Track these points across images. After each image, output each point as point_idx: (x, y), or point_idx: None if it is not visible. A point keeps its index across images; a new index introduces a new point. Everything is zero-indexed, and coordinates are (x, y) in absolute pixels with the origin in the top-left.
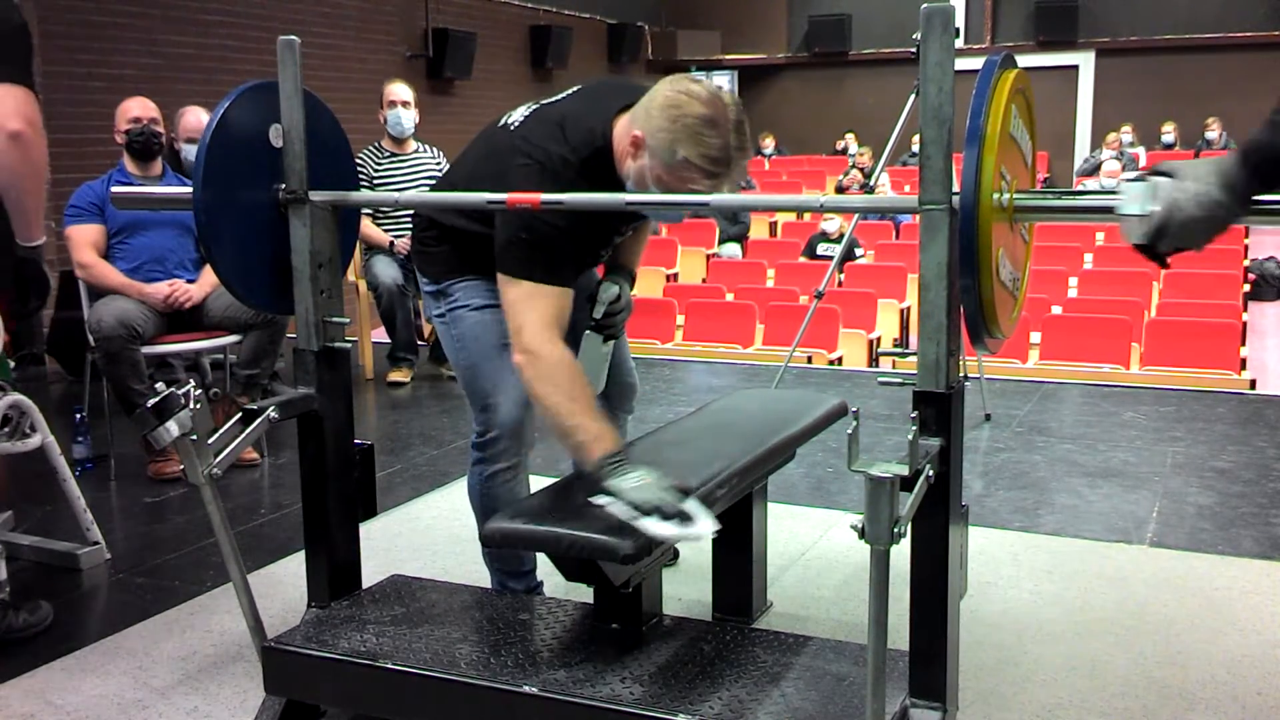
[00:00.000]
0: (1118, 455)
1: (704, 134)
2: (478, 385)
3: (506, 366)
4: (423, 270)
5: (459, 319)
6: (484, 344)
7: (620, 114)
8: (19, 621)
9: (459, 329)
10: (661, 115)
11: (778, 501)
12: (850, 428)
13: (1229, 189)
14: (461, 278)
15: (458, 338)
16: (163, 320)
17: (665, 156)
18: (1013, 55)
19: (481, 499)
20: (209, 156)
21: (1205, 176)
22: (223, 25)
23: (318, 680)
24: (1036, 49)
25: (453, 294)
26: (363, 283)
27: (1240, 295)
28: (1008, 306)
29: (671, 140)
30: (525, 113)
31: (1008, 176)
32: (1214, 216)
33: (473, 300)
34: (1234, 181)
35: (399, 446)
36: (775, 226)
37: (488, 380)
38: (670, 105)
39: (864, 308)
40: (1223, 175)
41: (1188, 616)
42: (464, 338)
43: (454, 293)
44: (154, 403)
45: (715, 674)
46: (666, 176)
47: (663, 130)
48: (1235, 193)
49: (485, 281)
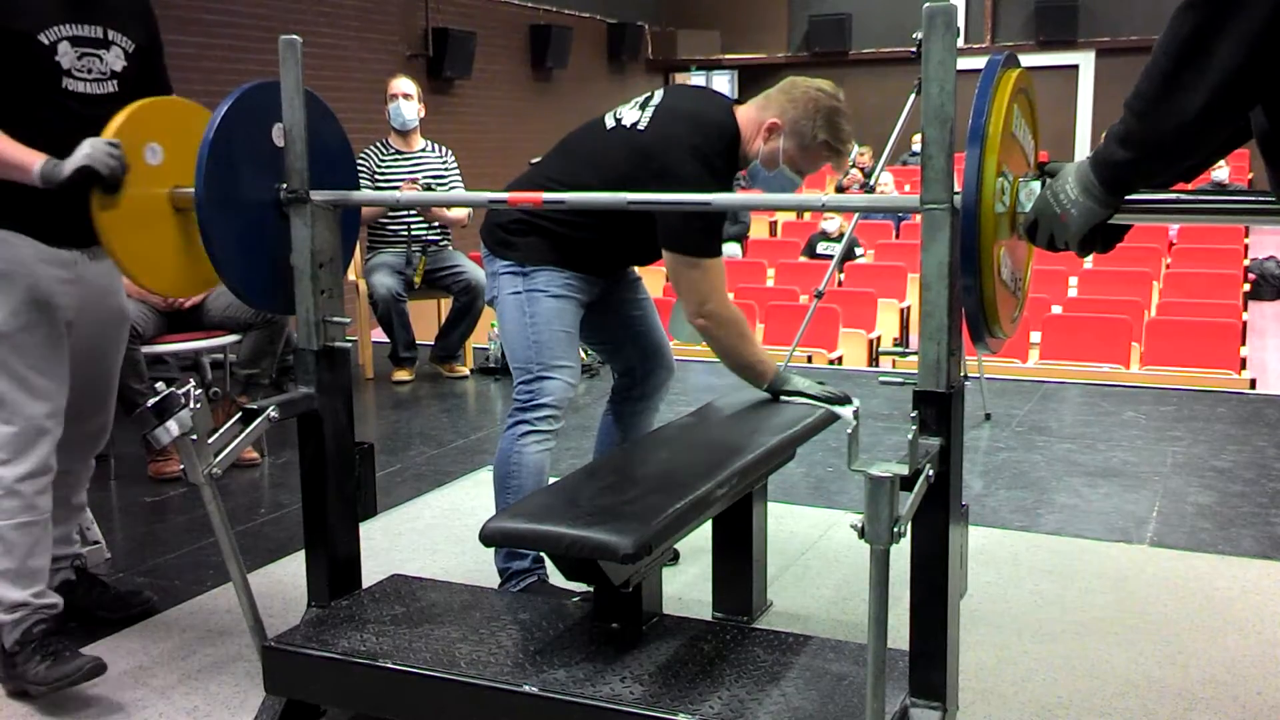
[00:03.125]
0: (1118, 455)
1: (838, 121)
2: (538, 359)
3: (566, 352)
4: (503, 254)
5: (536, 300)
6: (554, 327)
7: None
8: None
9: (534, 309)
10: (802, 106)
11: (778, 501)
12: (850, 427)
13: (1086, 189)
14: (546, 266)
15: (531, 315)
16: (163, 320)
17: (805, 140)
18: (1015, 55)
19: (508, 457)
20: (210, 156)
21: (1069, 176)
22: (224, 25)
23: (318, 680)
24: (1036, 49)
25: (535, 278)
26: (363, 283)
27: (1240, 295)
28: (1009, 306)
29: (813, 127)
30: (641, 114)
31: (1010, 176)
32: (1077, 214)
33: (551, 288)
34: (1088, 183)
35: (399, 446)
36: (775, 226)
37: (548, 356)
38: (809, 99)
39: (864, 307)
40: (1080, 176)
41: (1188, 616)
42: (538, 317)
43: (537, 277)
44: (154, 403)
45: (715, 674)
46: (800, 156)
47: (805, 118)
48: (1091, 194)
49: (566, 274)
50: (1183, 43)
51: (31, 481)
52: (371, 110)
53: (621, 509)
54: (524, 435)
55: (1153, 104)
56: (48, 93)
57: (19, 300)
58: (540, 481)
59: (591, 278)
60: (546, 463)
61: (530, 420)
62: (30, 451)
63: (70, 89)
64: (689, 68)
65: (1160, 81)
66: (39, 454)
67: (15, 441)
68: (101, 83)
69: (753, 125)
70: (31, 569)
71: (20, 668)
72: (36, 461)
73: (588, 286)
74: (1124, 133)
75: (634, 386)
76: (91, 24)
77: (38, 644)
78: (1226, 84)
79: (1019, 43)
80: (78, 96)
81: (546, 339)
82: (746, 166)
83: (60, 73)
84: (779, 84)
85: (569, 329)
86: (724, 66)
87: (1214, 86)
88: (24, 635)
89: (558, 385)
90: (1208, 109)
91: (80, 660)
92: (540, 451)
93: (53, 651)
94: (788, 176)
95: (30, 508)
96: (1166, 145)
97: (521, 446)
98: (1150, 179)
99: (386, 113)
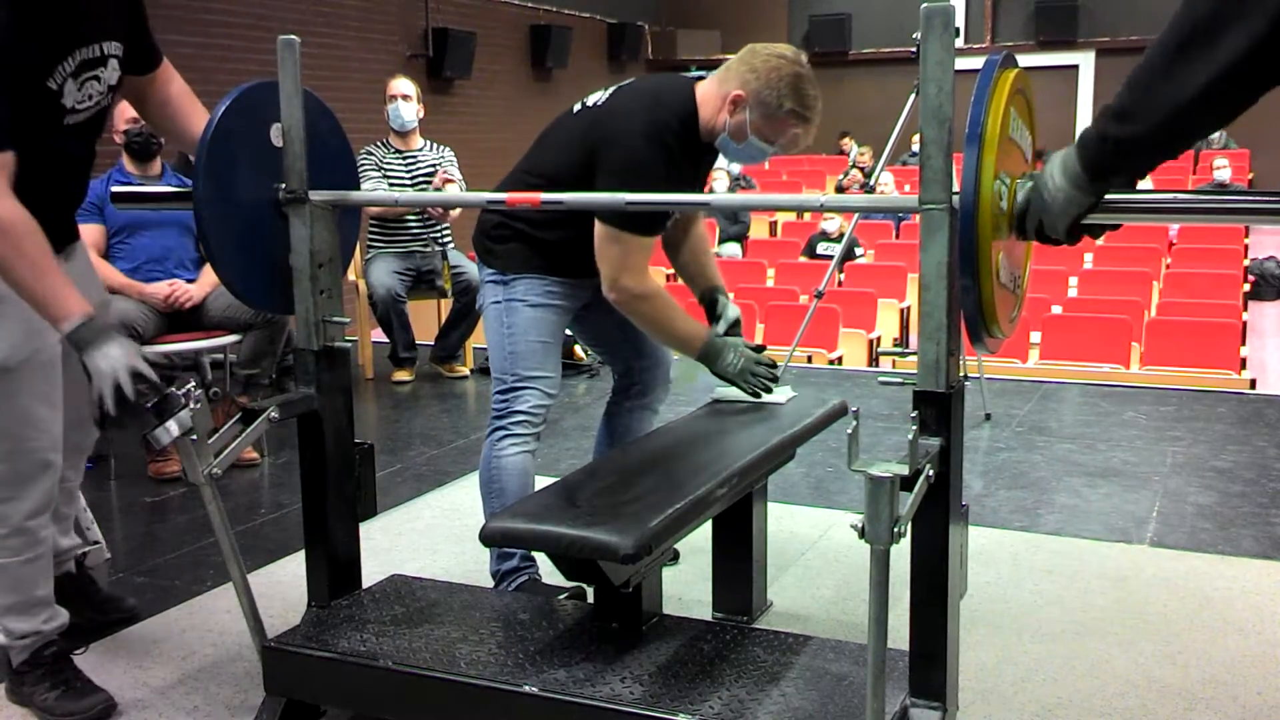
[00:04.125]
0: (1118, 455)
1: (803, 88)
2: (513, 370)
3: (544, 363)
4: (488, 262)
5: (515, 310)
6: (530, 338)
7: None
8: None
9: (512, 319)
10: (765, 75)
11: (778, 501)
12: (850, 427)
13: (1068, 175)
14: (526, 274)
15: (509, 326)
16: (163, 320)
17: (771, 110)
18: (1013, 55)
19: (489, 463)
20: (209, 156)
21: (1056, 165)
22: (222, 25)
23: (318, 680)
24: (1036, 49)
25: (515, 287)
26: (363, 282)
27: (1240, 295)
28: (1008, 306)
29: (778, 96)
30: (604, 95)
31: (1008, 180)
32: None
33: (530, 297)
34: (1071, 169)
35: (399, 446)
36: (775, 226)
37: (522, 367)
38: (772, 68)
39: (864, 307)
40: (1066, 165)
41: (1188, 616)
42: (515, 328)
43: (516, 286)
44: (154, 403)
45: (715, 674)
46: (766, 126)
47: (768, 88)
48: (1073, 179)
49: (547, 281)
50: (1197, 20)
51: (37, 519)
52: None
53: (621, 509)
54: (500, 440)
55: (1159, 75)
56: (49, 134)
57: (19, 331)
58: (524, 481)
59: (576, 281)
60: (528, 463)
61: (505, 426)
62: (34, 486)
63: (70, 123)
64: (689, 68)
65: (1167, 55)
66: (43, 488)
67: (20, 478)
68: (99, 102)
69: (715, 100)
70: (38, 599)
71: (29, 689)
72: (41, 496)
73: (573, 291)
74: (1118, 107)
75: (632, 387)
76: (90, 44)
77: (48, 669)
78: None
79: (1019, 43)
80: (75, 129)
81: (522, 350)
82: (715, 141)
83: (64, 113)
84: (739, 53)
85: (546, 339)
86: None
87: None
88: (33, 658)
89: (531, 395)
90: (1208, 89)
91: (92, 699)
92: (519, 454)
93: (64, 680)
94: (757, 148)
95: (36, 543)
96: (1161, 121)
97: (499, 451)
98: (1134, 164)
99: (386, 113)
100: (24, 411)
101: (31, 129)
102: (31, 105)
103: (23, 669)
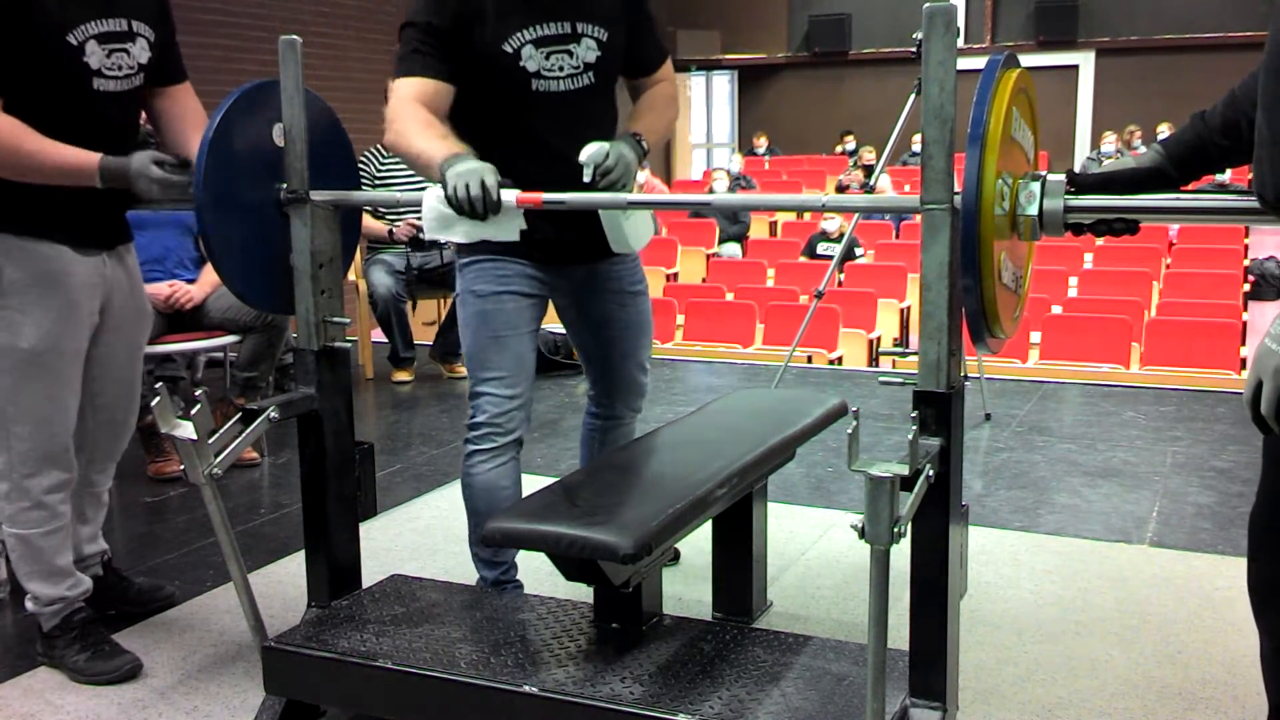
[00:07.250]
0: (1118, 455)
1: None
2: (472, 371)
3: (497, 359)
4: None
5: (467, 303)
6: (482, 335)
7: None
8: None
9: (465, 313)
10: None
11: (778, 501)
12: (850, 427)
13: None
14: (474, 256)
15: (464, 321)
16: (163, 320)
17: None
18: (1015, 55)
19: (461, 480)
20: (210, 156)
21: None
22: (223, 25)
23: (318, 680)
24: (1036, 49)
25: (466, 274)
26: (363, 283)
27: (1240, 295)
28: (1010, 306)
29: None
30: None
31: (1010, 180)
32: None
33: (479, 285)
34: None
35: (399, 446)
36: (775, 226)
37: (476, 367)
38: None
39: (864, 307)
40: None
41: (1188, 616)
42: (467, 323)
43: (468, 273)
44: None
45: (715, 674)
46: None
47: None
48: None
49: (497, 261)
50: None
51: (56, 493)
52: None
53: (621, 509)
54: (468, 457)
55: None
56: (78, 95)
57: (52, 316)
58: (494, 498)
59: (539, 267)
60: (499, 478)
61: (471, 439)
62: (54, 464)
63: (100, 89)
64: (689, 68)
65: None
66: (61, 465)
67: (43, 456)
68: (130, 78)
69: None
70: (59, 567)
71: (60, 651)
72: (60, 473)
73: (540, 277)
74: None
75: (598, 404)
76: (115, 17)
77: (79, 632)
78: None
79: (1019, 43)
80: (108, 96)
81: (475, 349)
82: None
83: (90, 74)
84: None
85: (499, 332)
86: (724, 67)
87: None
88: (63, 623)
89: (487, 400)
90: None
91: (120, 660)
92: (488, 470)
93: (93, 643)
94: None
95: (55, 515)
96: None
97: (467, 469)
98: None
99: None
100: (50, 395)
101: (56, 84)
102: (51, 58)
103: (54, 633)
